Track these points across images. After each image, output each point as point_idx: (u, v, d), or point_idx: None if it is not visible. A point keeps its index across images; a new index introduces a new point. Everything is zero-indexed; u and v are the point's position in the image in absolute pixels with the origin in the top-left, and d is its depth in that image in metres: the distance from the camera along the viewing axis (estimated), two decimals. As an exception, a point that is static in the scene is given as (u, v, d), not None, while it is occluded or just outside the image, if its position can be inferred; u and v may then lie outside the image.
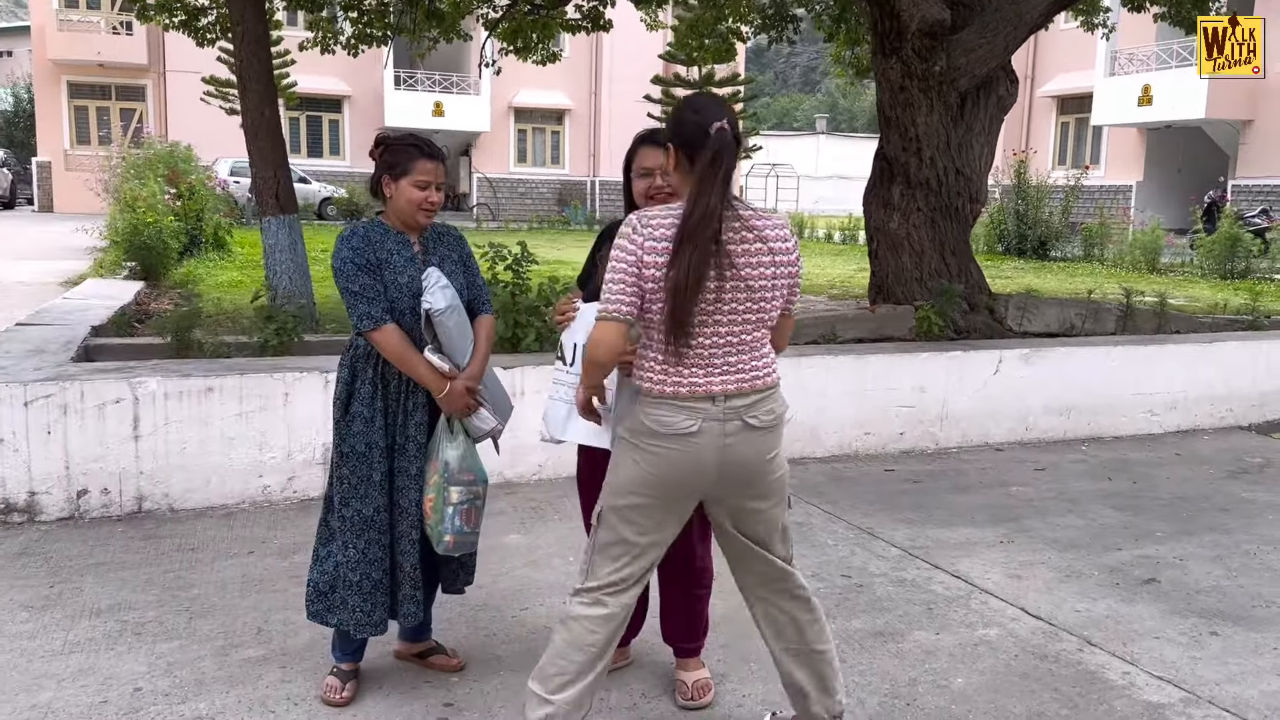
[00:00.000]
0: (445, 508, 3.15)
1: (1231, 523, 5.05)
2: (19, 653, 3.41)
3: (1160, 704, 3.20)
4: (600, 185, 36.07)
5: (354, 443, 3.13)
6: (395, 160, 3.12)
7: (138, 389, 4.77)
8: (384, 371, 3.14)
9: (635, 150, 3.13)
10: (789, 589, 2.78)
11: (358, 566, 3.11)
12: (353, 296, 3.08)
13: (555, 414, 3.14)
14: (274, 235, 7.05)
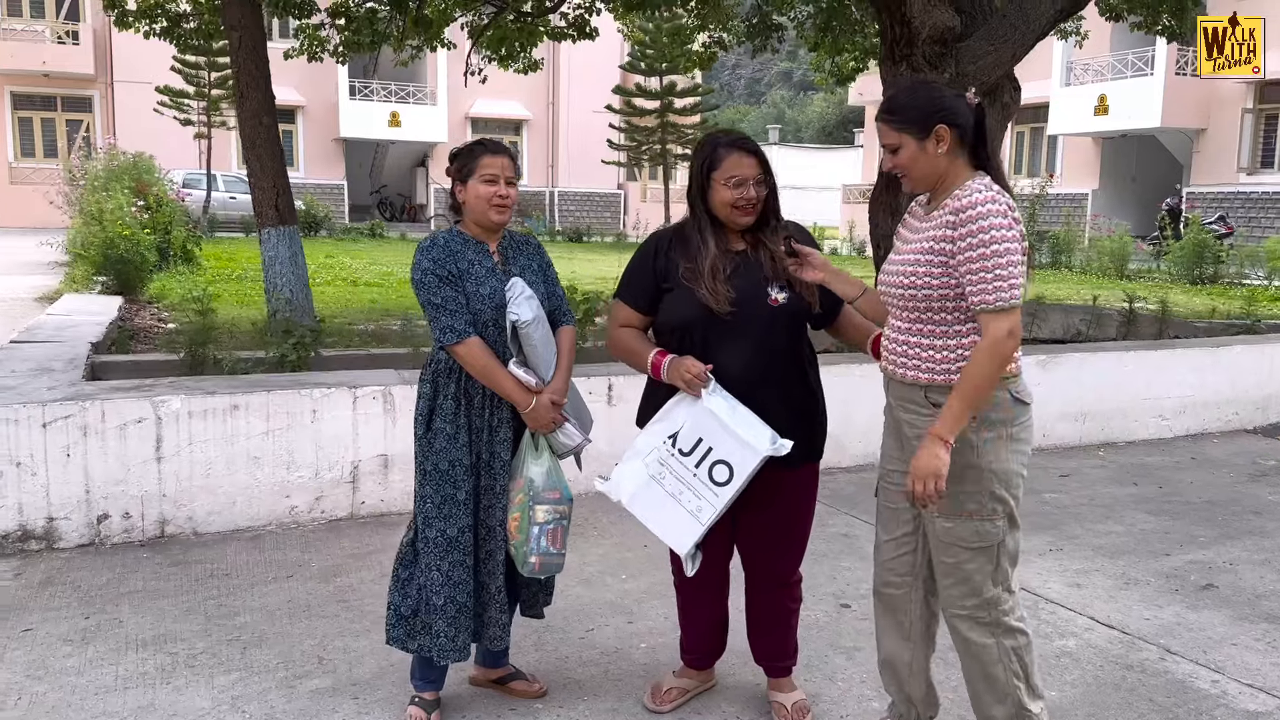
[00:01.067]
0: (531, 527, 3.02)
1: (1268, 525, 5.08)
2: (70, 690, 3.22)
3: (1258, 712, 3.17)
4: (559, 196, 35.95)
5: (437, 460, 3.00)
6: (461, 165, 3.03)
7: (160, 408, 4.57)
8: (467, 386, 3.01)
9: (721, 155, 2.91)
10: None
11: (442, 589, 2.98)
12: (435, 309, 2.96)
13: (646, 494, 2.91)
14: (274, 247, 6.84)
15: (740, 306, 2.86)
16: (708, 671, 3.28)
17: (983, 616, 2.62)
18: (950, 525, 2.61)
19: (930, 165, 2.57)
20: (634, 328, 3.05)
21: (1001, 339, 2.42)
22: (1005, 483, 2.57)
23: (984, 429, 2.54)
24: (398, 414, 4.97)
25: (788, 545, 3.06)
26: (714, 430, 2.82)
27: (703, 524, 2.82)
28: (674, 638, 3.66)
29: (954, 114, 2.56)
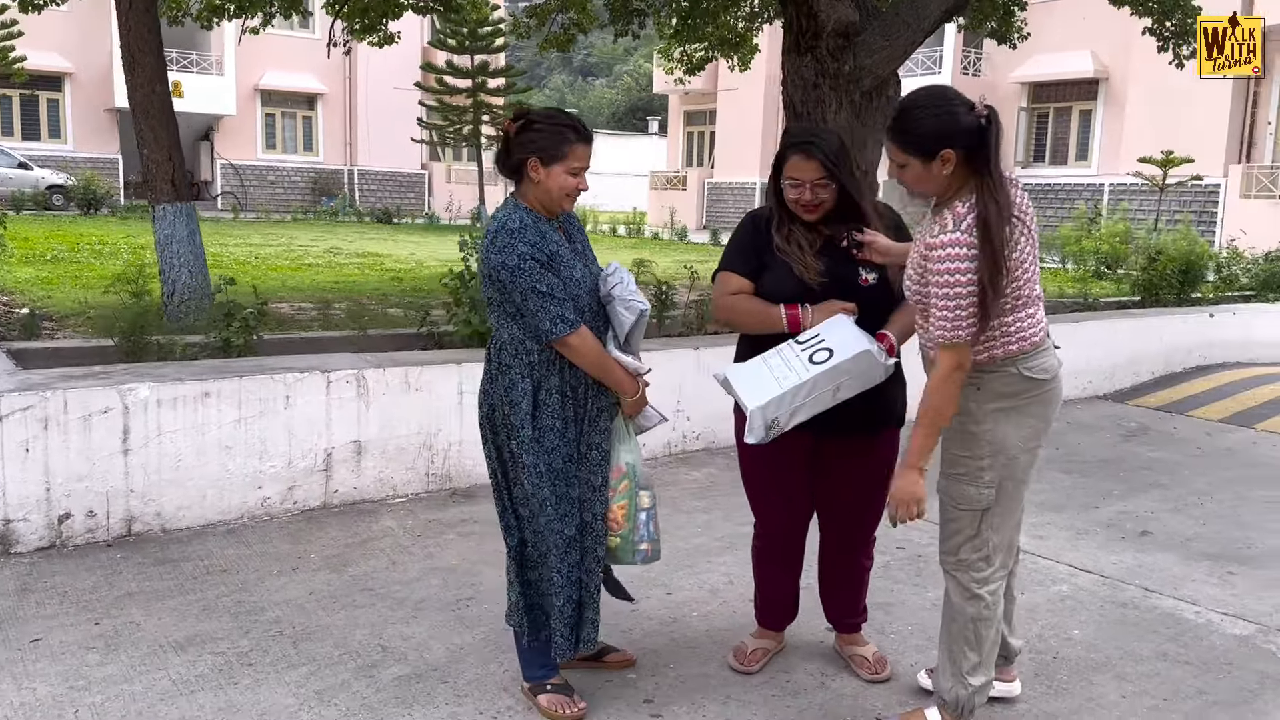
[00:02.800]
0: (638, 514, 3.00)
1: (1161, 478, 5.75)
2: (129, 698, 3.00)
3: (1244, 636, 3.66)
4: (359, 175, 34.70)
5: (551, 459, 2.85)
6: (547, 144, 2.83)
7: (127, 397, 4.25)
8: (571, 377, 2.89)
9: (785, 156, 3.04)
10: None
11: (562, 591, 2.89)
12: (541, 298, 2.76)
13: (749, 371, 2.94)
14: (170, 225, 6.36)
15: (831, 282, 3.00)
16: (781, 634, 3.44)
17: (959, 575, 2.83)
18: (945, 483, 2.84)
19: (935, 183, 2.69)
20: (743, 294, 3.09)
21: (949, 372, 2.63)
22: (998, 452, 2.72)
23: (989, 400, 2.72)
24: (370, 398, 4.82)
25: (866, 509, 3.24)
26: (833, 326, 2.90)
27: (781, 388, 2.84)
28: (730, 598, 3.82)
29: (959, 137, 2.60)
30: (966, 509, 2.77)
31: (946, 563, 2.86)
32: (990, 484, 2.74)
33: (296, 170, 34.04)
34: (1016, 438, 2.73)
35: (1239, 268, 11.37)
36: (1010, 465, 2.74)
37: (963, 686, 2.81)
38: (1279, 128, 20.63)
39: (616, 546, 2.99)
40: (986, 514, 2.77)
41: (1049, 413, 2.80)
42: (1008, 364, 2.70)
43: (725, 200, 31.08)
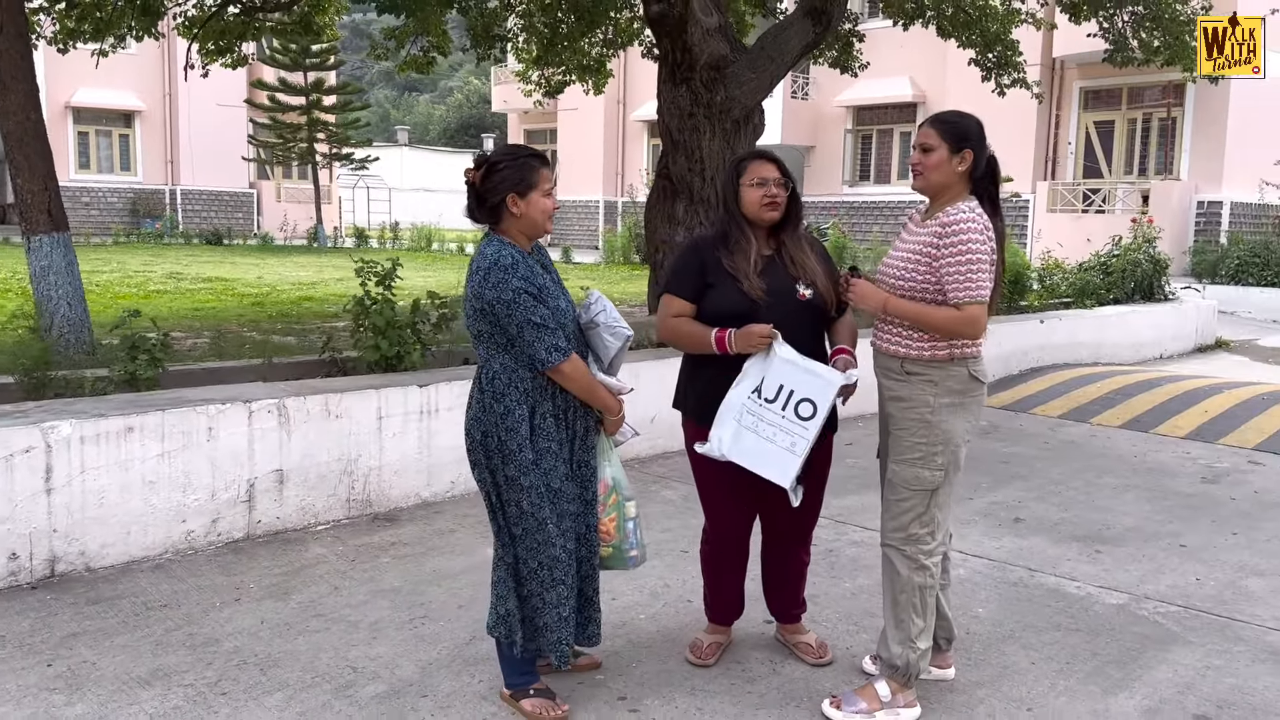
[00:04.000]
0: (627, 523, 3.24)
1: (1020, 470, 6.37)
2: (111, 734, 3.01)
3: (1120, 605, 4.18)
4: (183, 194, 33.21)
5: (549, 479, 3.04)
6: (520, 177, 3.04)
7: (50, 435, 4.16)
8: (563, 402, 3.08)
9: (746, 163, 3.40)
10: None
11: (566, 602, 3.09)
12: (536, 330, 2.94)
13: (744, 442, 3.22)
14: (47, 256, 6.11)
15: (773, 298, 3.32)
16: (727, 630, 3.72)
17: (906, 550, 3.22)
18: (898, 468, 3.22)
19: (946, 174, 3.14)
20: (687, 316, 3.39)
21: (963, 319, 3.05)
22: (948, 441, 3.17)
23: (943, 395, 3.15)
24: (292, 427, 4.85)
25: (806, 509, 3.56)
26: (791, 374, 3.20)
27: (798, 456, 3.19)
28: (669, 600, 4.09)
29: (981, 149, 3.15)
30: (918, 489, 3.16)
31: (894, 539, 3.22)
32: (940, 467, 3.14)
33: (113, 191, 32.31)
34: (961, 429, 3.15)
35: (1059, 277, 12.46)
36: (955, 452, 3.15)
37: (912, 650, 3.17)
38: (1078, 148, 22.58)
39: (610, 555, 3.22)
40: (935, 494, 3.16)
41: (981, 411, 3.24)
42: (961, 364, 3.12)
43: (569, 218, 31.41)
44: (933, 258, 3.08)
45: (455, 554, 4.61)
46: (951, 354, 3.13)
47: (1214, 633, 3.93)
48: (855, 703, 3.22)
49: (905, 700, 3.21)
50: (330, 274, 16.53)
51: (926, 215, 3.23)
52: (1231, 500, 5.82)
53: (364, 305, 5.96)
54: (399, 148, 50.42)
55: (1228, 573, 4.60)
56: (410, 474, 5.30)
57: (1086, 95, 22.35)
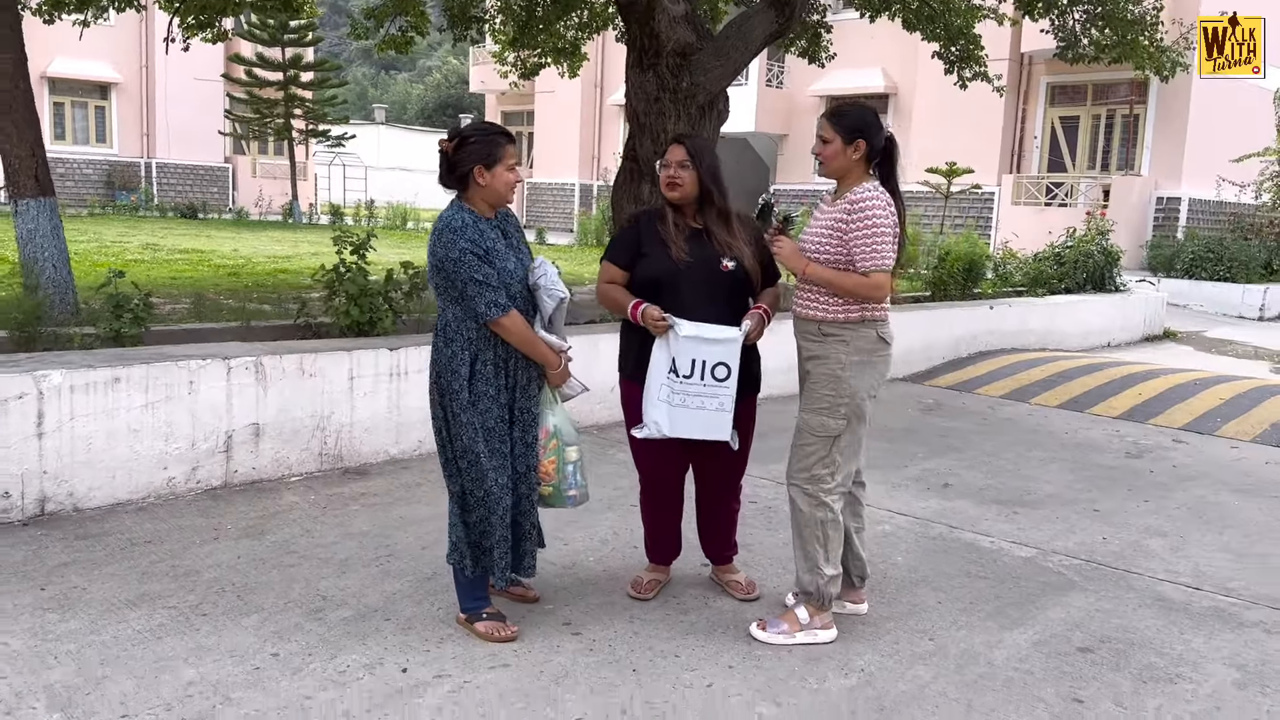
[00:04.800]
0: (566, 466, 3.60)
1: (955, 443, 6.77)
2: (102, 646, 3.34)
3: (1028, 558, 4.58)
4: (159, 168, 33.14)
5: (484, 419, 3.40)
6: (486, 151, 3.40)
7: (42, 383, 4.46)
8: (504, 353, 3.43)
9: (668, 146, 3.80)
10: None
11: (501, 526, 3.44)
12: (478, 286, 3.31)
13: (678, 417, 3.61)
14: (33, 220, 6.37)
15: (697, 266, 3.69)
16: (669, 568, 4.09)
17: (808, 488, 3.60)
18: (806, 416, 3.61)
19: (843, 162, 3.54)
20: (618, 283, 3.78)
21: (869, 284, 3.44)
22: (853, 395, 3.53)
23: (854, 354, 3.53)
24: (268, 383, 5.16)
25: (733, 463, 3.93)
26: (698, 348, 3.60)
27: (727, 412, 3.62)
28: (617, 545, 4.45)
29: (872, 136, 3.53)
30: (822, 435, 3.54)
31: (798, 479, 3.60)
32: (844, 417, 3.52)
33: (89, 163, 32.18)
34: (865, 384, 3.54)
35: (1013, 266, 12.91)
36: (860, 405, 3.54)
37: (820, 576, 3.55)
38: (1044, 142, 23.06)
39: (550, 494, 3.58)
40: (837, 440, 3.54)
41: (886, 370, 3.63)
42: (871, 326, 3.52)
43: (545, 200, 31.64)
44: (843, 232, 3.45)
45: (420, 504, 4.94)
46: (863, 316, 3.50)
47: (1110, 583, 4.33)
48: (778, 625, 3.60)
49: (822, 623, 3.60)
50: (305, 249, 16.73)
51: (835, 196, 3.60)
52: (1150, 473, 6.25)
53: (338, 273, 6.26)
54: (376, 126, 50.30)
55: (1133, 534, 5.01)
56: (380, 431, 5.62)
57: (1053, 90, 22.82)
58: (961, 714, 3.15)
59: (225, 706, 2.99)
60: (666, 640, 3.57)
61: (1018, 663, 3.52)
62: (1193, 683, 3.43)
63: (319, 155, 36.98)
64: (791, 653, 3.52)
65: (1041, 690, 3.32)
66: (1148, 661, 3.58)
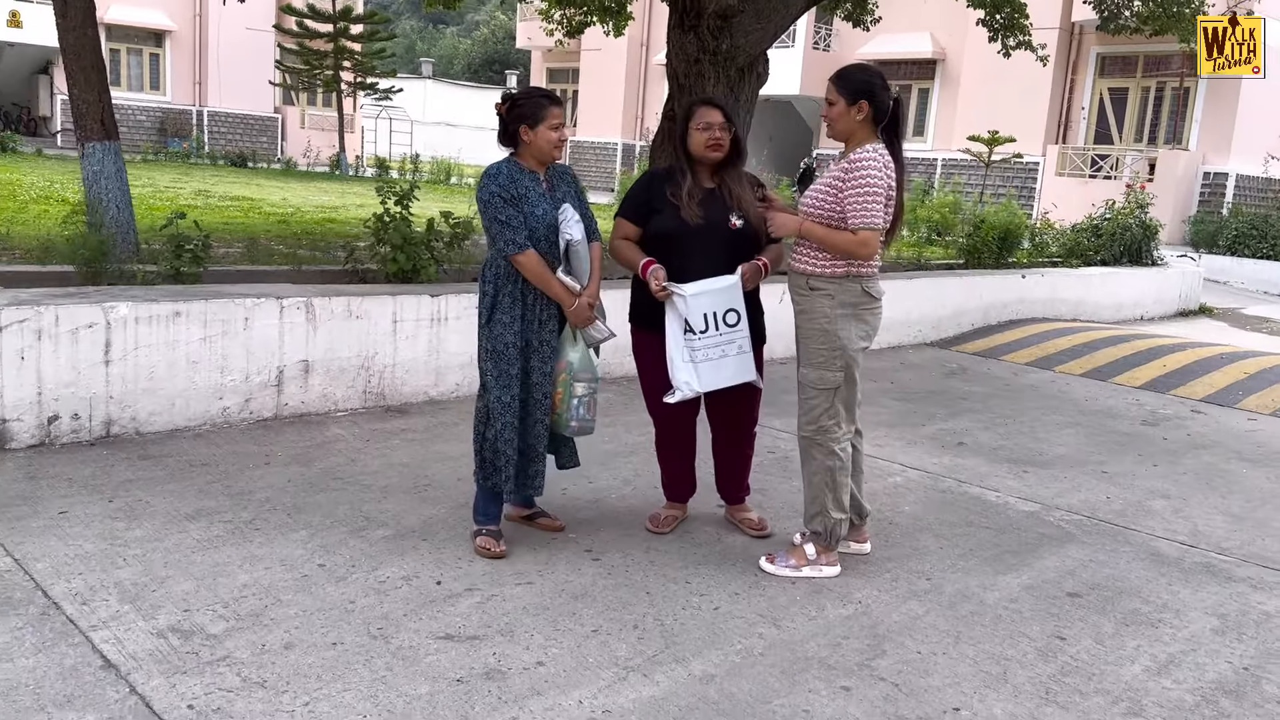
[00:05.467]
0: (571, 399, 3.89)
1: (975, 406, 6.96)
2: (165, 551, 3.67)
3: (1031, 512, 4.80)
4: (210, 116, 33.69)
5: (496, 343, 3.78)
6: (531, 111, 3.76)
7: (110, 314, 4.79)
8: (523, 288, 3.78)
9: (695, 109, 3.99)
10: None
11: (510, 443, 3.79)
12: (500, 225, 3.70)
13: (705, 372, 3.88)
14: (99, 162, 6.71)
15: (707, 224, 3.92)
16: (685, 505, 4.37)
17: (817, 438, 3.83)
18: (805, 371, 3.83)
19: (847, 124, 3.72)
20: (630, 240, 4.04)
21: (858, 241, 3.63)
22: (845, 348, 3.74)
23: (838, 307, 3.73)
24: (318, 323, 5.47)
25: (744, 410, 4.18)
26: (707, 302, 3.86)
27: (748, 352, 3.91)
28: (639, 485, 4.72)
29: (876, 97, 3.68)
30: (823, 389, 3.77)
31: (807, 431, 3.84)
32: (840, 369, 3.75)
33: (142, 109, 32.77)
34: (854, 336, 3.75)
35: (1049, 237, 12.95)
36: (851, 356, 3.76)
37: (827, 518, 3.80)
38: (1091, 113, 22.82)
39: (555, 420, 3.89)
40: (837, 391, 3.76)
41: (876, 322, 3.84)
42: (856, 280, 3.72)
43: (588, 158, 31.77)
44: (839, 190, 3.65)
45: (456, 442, 5.23)
46: (849, 271, 3.71)
47: (1107, 537, 4.54)
48: (786, 559, 3.87)
49: (827, 560, 3.86)
50: (351, 200, 17.06)
51: (841, 157, 3.79)
52: (1164, 440, 6.41)
53: (383, 222, 6.54)
54: (423, 80, 50.47)
55: (1137, 494, 5.20)
56: (420, 373, 5.93)
57: (1103, 61, 22.54)
58: (950, 643, 3.40)
59: (276, 606, 3.32)
60: (679, 569, 3.85)
61: (1008, 603, 3.76)
62: (1173, 628, 3.66)
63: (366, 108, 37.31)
64: (795, 584, 3.78)
65: (1027, 627, 3.56)
66: (1133, 607, 3.80)
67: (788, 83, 26.20)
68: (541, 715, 2.80)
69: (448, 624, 3.28)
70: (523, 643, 3.19)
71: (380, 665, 3.00)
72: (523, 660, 3.08)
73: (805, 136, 28.87)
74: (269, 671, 2.92)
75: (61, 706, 2.71)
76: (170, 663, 2.94)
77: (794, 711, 2.92)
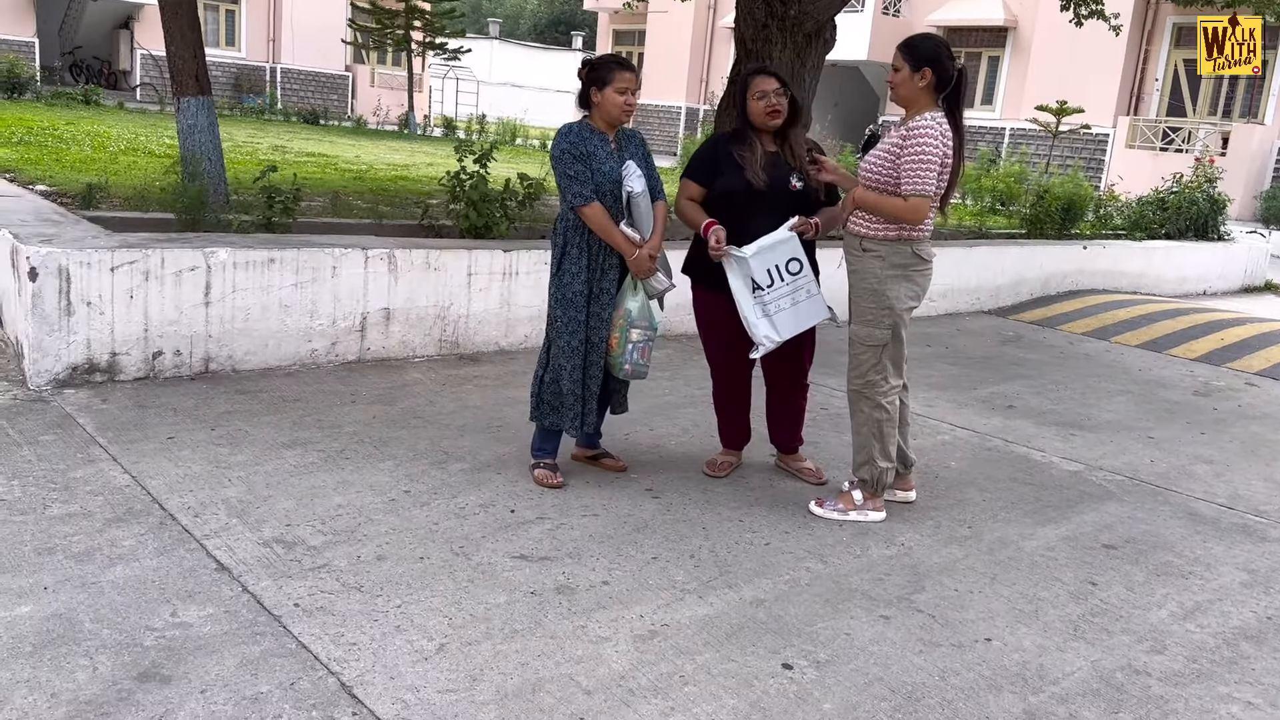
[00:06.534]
0: (627, 344, 4.14)
1: (1028, 372, 7.12)
2: (266, 474, 4.03)
3: (1076, 471, 4.99)
4: (282, 73, 34.35)
5: (565, 291, 4.06)
6: (600, 75, 4.01)
7: (210, 258, 5.16)
8: (589, 239, 4.05)
9: (751, 78, 4.20)
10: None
11: (568, 379, 4.08)
12: (569, 179, 3.98)
13: (783, 321, 4.11)
14: (193, 116, 7.10)
15: (770, 186, 4.15)
16: (740, 453, 4.64)
17: (865, 391, 4.05)
18: (855, 328, 4.05)
19: (910, 90, 3.88)
20: (695, 200, 4.28)
21: (907, 208, 3.81)
22: (893, 307, 3.94)
23: (889, 269, 3.92)
24: (399, 274, 5.80)
25: (797, 362, 4.42)
26: (768, 257, 4.09)
27: (817, 293, 4.16)
28: (697, 434, 4.99)
29: (940, 66, 3.84)
30: (871, 345, 3.99)
31: (855, 385, 4.07)
32: (888, 327, 3.96)
33: (218, 65, 33.34)
34: (903, 295, 3.96)
35: (1114, 209, 12.89)
36: (899, 315, 3.96)
37: (874, 467, 4.04)
38: (1165, 85, 22.39)
39: (611, 362, 4.15)
40: (885, 348, 3.98)
41: (925, 283, 4.03)
42: (907, 244, 3.92)
43: (652, 122, 31.87)
44: (896, 156, 3.83)
45: (526, 389, 5.43)
46: (901, 234, 3.91)
47: (1147, 497, 4.73)
48: (834, 503, 4.13)
49: (874, 506, 4.11)
50: (421, 159, 17.44)
51: (901, 123, 3.98)
52: (1214, 410, 6.52)
53: (460, 180, 6.84)
54: (489, 40, 50.68)
55: (1181, 459, 5.36)
56: (492, 325, 6.25)
57: (1179, 31, 22.07)
58: (986, 584, 3.64)
59: (368, 525, 3.66)
60: (733, 509, 4.13)
61: (1045, 551, 3.98)
62: (1202, 579, 3.85)
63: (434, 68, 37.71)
64: (842, 527, 4.04)
65: (1061, 573, 3.79)
66: (1165, 560, 4.00)
67: (855, 48, 26.01)
68: (607, 625, 3.11)
69: (522, 546, 3.59)
70: (589, 565, 3.50)
71: (463, 577, 3.32)
72: (589, 579, 3.39)
73: (871, 103, 28.65)
74: (364, 578, 3.26)
75: (185, 600, 3.07)
76: (276, 568, 3.29)
77: (835, 634, 3.19)
